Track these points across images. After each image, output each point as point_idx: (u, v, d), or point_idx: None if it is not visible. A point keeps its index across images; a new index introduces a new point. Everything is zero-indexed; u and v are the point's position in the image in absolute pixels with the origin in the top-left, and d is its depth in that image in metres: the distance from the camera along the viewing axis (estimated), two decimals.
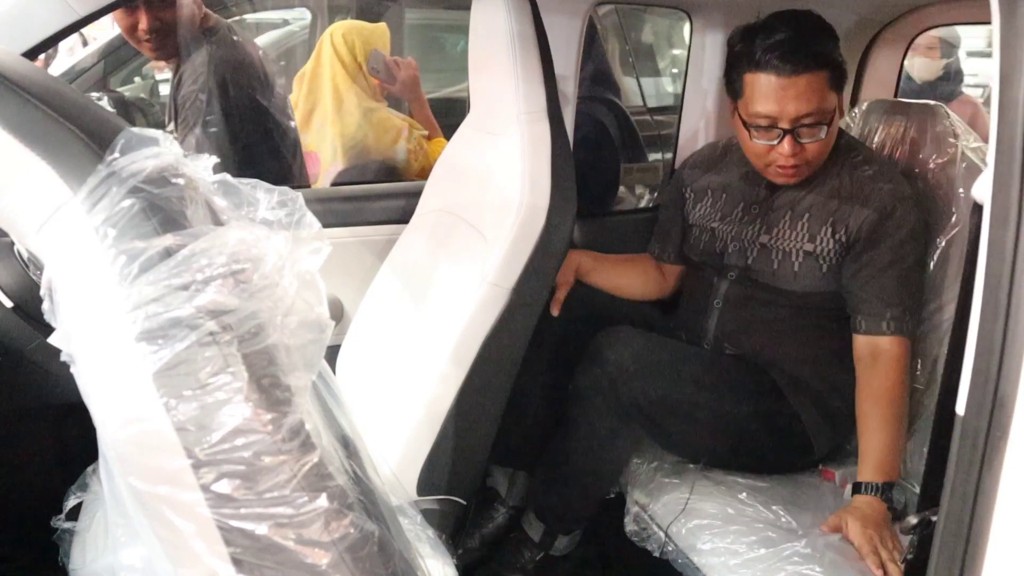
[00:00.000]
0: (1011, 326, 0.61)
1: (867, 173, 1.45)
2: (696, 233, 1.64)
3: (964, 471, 0.65)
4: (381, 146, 2.01)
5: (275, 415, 0.56)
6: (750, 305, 1.53)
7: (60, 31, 1.16)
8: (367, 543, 0.60)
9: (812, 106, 1.36)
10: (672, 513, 1.40)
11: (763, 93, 1.37)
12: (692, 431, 1.45)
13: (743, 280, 1.53)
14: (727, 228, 1.57)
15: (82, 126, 0.59)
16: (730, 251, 1.55)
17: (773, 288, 1.50)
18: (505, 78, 1.28)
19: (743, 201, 1.57)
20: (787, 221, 1.49)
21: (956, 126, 1.56)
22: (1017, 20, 0.60)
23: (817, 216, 1.46)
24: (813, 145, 1.40)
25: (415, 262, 1.51)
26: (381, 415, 1.39)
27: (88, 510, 0.96)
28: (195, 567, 0.57)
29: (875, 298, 1.40)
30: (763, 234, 1.51)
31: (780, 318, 1.50)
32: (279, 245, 0.60)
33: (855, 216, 1.42)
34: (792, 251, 1.48)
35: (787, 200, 1.51)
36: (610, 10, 3.31)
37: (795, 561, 1.24)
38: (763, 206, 1.53)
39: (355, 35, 2.04)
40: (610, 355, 1.40)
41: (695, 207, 1.66)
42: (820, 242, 1.45)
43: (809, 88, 1.35)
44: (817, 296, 1.47)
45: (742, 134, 1.45)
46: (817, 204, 1.46)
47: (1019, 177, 0.60)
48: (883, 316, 1.39)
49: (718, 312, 1.56)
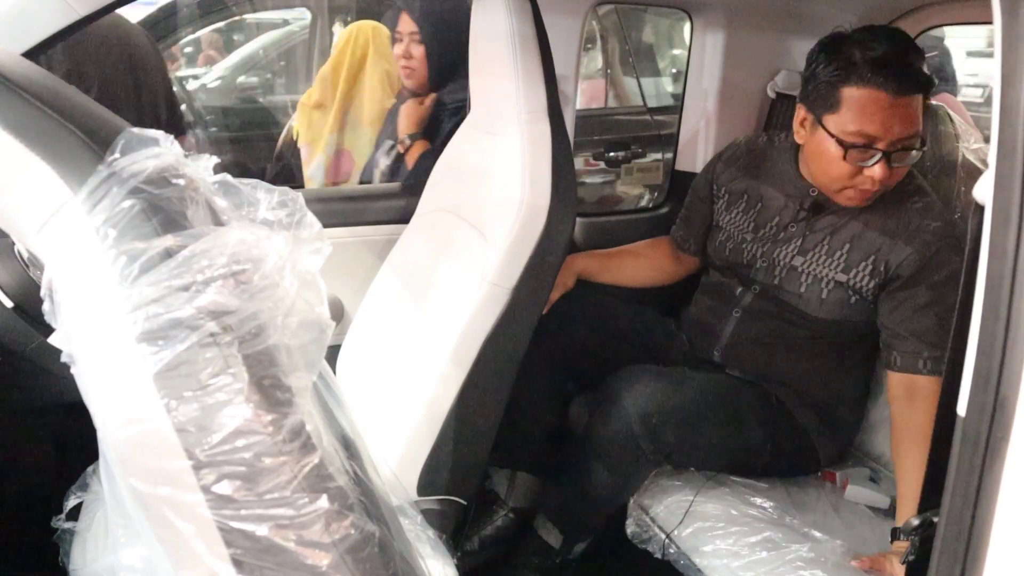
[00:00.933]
0: (1012, 327, 0.61)
1: (916, 206, 1.37)
2: (723, 238, 1.58)
3: (965, 472, 0.65)
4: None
5: (276, 416, 0.56)
6: (769, 320, 1.50)
7: (60, 31, 1.16)
8: (368, 544, 0.60)
9: (914, 128, 1.28)
10: (674, 515, 1.40)
11: (869, 111, 1.27)
12: (708, 460, 1.46)
13: (767, 296, 1.50)
14: (758, 244, 1.51)
15: (82, 126, 0.59)
16: (757, 267, 1.50)
17: (797, 310, 1.46)
18: (505, 78, 1.28)
19: (780, 218, 1.49)
20: (824, 247, 1.43)
21: (957, 127, 1.56)
22: (1018, 20, 0.60)
23: (858, 248, 1.40)
24: (900, 170, 1.33)
25: (415, 262, 1.51)
26: (381, 415, 1.39)
27: (88, 510, 0.96)
28: (195, 568, 0.57)
29: (912, 336, 1.35)
30: (796, 256, 1.45)
31: (798, 337, 1.48)
32: (280, 245, 0.60)
33: (896, 253, 1.36)
34: (823, 278, 1.42)
35: (828, 225, 1.43)
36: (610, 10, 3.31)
37: (798, 566, 1.24)
38: (801, 227, 1.46)
39: (385, 38, 2.08)
40: (630, 405, 1.36)
41: (727, 210, 1.59)
42: (855, 275, 1.40)
43: (914, 110, 1.28)
44: (840, 324, 1.44)
45: (824, 152, 1.35)
46: (859, 235, 1.40)
47: (1020, 178, 0.60)
48: (920, 355, 1.34)
49: (736, 320, 1.53)
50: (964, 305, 0.69)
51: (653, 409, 1.35)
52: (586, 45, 3.37)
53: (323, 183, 2.13)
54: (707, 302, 1.62)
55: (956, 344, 0.72)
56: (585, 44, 2.28)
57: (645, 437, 1.35)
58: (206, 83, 4.02)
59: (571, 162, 1.32)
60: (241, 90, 3.93)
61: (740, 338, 1.52)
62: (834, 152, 1.32)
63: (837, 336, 1.46)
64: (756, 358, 1.51)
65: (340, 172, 2.13)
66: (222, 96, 3.92)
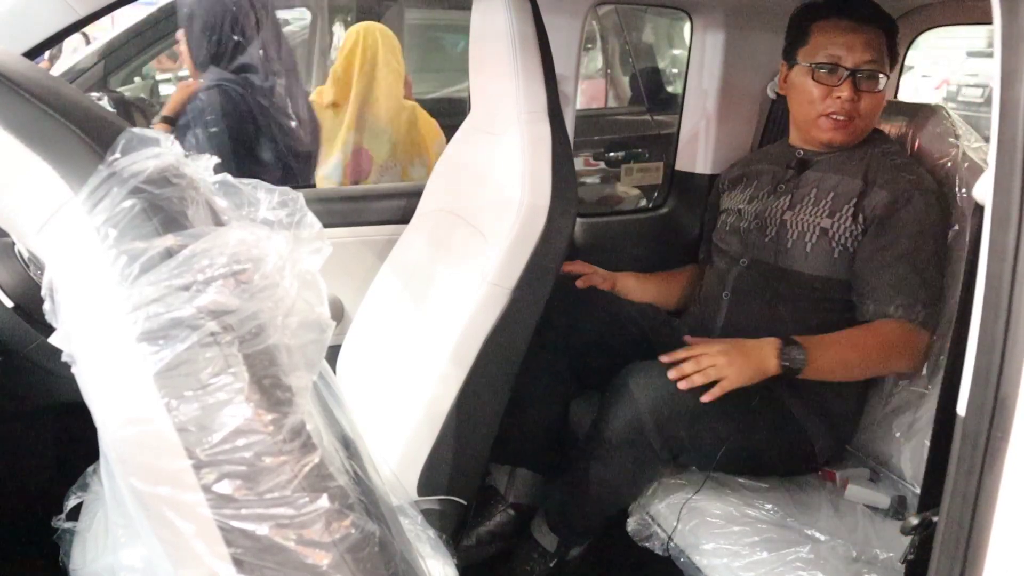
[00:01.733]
0: (1012, 327, 0.61)
1: (895, 161, 1.48)
2: (724, 216, 1.68)
3: (965, 472, 0.65)
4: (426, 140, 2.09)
5: (276, 416, 0.56)
6: (757, 297, 1.53)
7: (60, 31, 1.16)
8: (368, 544, 0.60)
9: (875, 54, 1.45)
10: (674, 512, 1.40)
11: (832, 35, 1.47)
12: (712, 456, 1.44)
13: (755, 266, 1.55)
14: (753, 207, 1.60)
15: (83, 126, 0.59)
16: (752, 228, 1.58)
17: (781, 271, 1.50)
18: (505, 78, 1.28)
19: (772, 179, 1.61)
20: (811, 198, 1.51)
21: (957, 126, 1.56)
22: (1018, 20, 0.60)
23: (841, 195, 1.48)
24: (868, 98, 1.46)
25: (415, 262, 1.51)
26: (381, 415, 1.39)
27: (88, 510, 0.96)
28: (196, 568, 0.57)
29: (886, 285, 1.40)
30: (787, 211, 1.54)
31: (786, 314, 1.49)
32: (280, 245, 0.60)
33: (872, 196, 1.44)
34: (809, 228, 1.49)
35: (815, 178, 1.53)
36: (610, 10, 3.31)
37: (798, 566, 1.24)
38: (790, 184, 1.56)
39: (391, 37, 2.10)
40: (641, 397, 1.36)
41: (728, 195, 1.71)
42: (837, 219, 1.46)
43: (874, 38, 1.46)
44: (824, 282, 1.47)
45: (798, 85, 1.52)
46: (843, 184, 1.49)
47: (1020, 178, 0.60)
48: (891, 302, 1.39)
49: (726, 305, 1.57)
50: (964, 305, 0.69)
51: (663, 402, 1.35)
52: (586, 45, 3.37)
53: (340, 182, 2.14)
54: (700, 297, 1.67)
55: (956, 344, 0.72)
56: (585, 44, 2.28)
57: (654, 431, 1.35)
58: None
59: (571, 162, 1.32)
60: None
61: (732, 326, 1.54)
62: (807, 80, 1.50)
63: (826, 305, 1.48)
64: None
65: (360, 171, 2.14)
66: None
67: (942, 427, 0.75)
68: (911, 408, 1.53)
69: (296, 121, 2.05)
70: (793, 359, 1.35)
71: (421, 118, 2.21)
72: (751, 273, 1.56)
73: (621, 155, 2.28)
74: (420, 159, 2.17)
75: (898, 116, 1.63)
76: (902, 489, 1.50)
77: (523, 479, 1.66)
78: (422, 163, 2.17)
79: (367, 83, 2.11)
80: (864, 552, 1.30)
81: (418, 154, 2.16)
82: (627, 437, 1.37)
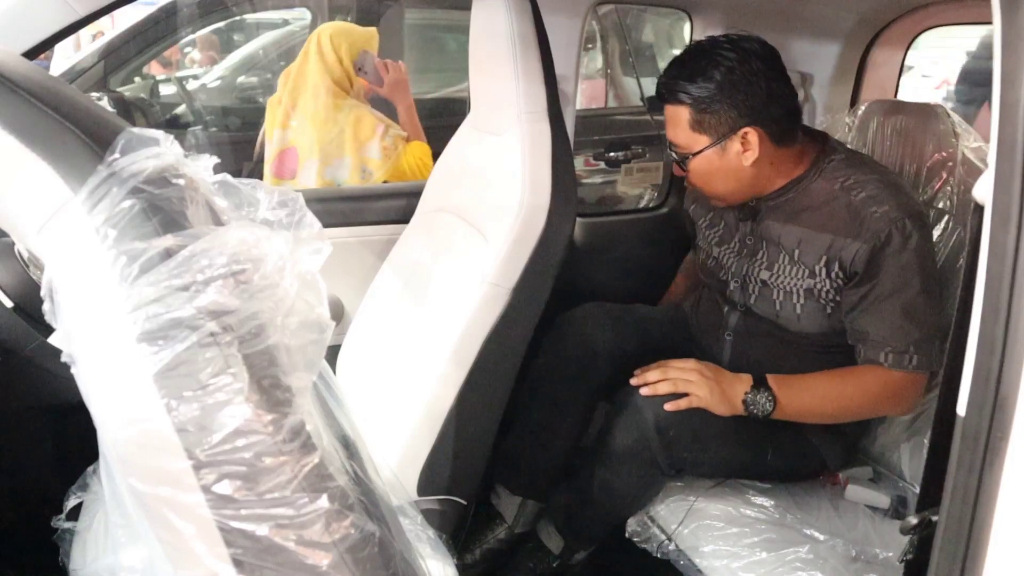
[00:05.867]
0: (1012, 327, 0.61)
1: (859, 197, 1.33)
2: (703, 257, 1.61)
3: (965, 472, 0.65)
4: (356, 142, 2.04)
5: (276, 416, 0.56)
6: (759, 340, 1.49)
7: (60, 31, 1.16)
8: (368, 544, 0.60)
9: (671, 134, 1.41)
10: (674, 514, 1.40)
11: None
12: (717, 473, 1.45)
13: (751, 315, 1.49)
14: (728, 260, 1.52)
15: (82, 126, 0.59)
16: (732, 287, 1.51)
17: (781, 328, 1.45)
18: (505, 78, 1.28)
19: (736, 229, 1.51)
20: (785, 260, 1.41)
21: (956, 126, 1.56)
22: (1018, 20, 0.60)
23: (808, 249, 1.37)
24: (698, 171, 1.40)
25: (415, 262, 1.51)
26: (381, 415, 1.38)
27: (88, 510, 0.96)
28: (196, 568, 0.57)
29: (874, 332, 1.31)
30: (764, 270, 1.44)
31: (791, 353, 1.45)
32: (280, 245, 0.60)
33: (847, 250, 1.32)
34: (793, 291, 1.40)
35: (777, 231, 1.42)
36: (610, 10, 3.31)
37: (797, 566, 1.24)
38: (755, 240, 1.47)
39: (342, 37, 2.08)
40: (648, 415, 1.35)
41: (700, 229, 1.63)
42: (819, 277, 1.37)
43: (672, 118, 1.40)
44: (825, 336, 1.42)
45: None
46: (808, 237, 1.37)
47: (1020, 177, 0.60)
48: (881, 350, 1.31)
49: (730, 344, 1.53)
50: (964, 305, 0.69)
51: (669, 422, 1.34)
52: (586, 45, 3.37)
53: (270, 180, 2.11)
54: (703, 327, 1.61)
55: (956, 344, 0.72)
56: (585, 44, 2.28)
57: (661, 450, 1.34)
58: (206, 83, 4.02)
59: (571, 162, 1.32)
60: (241, 90, 3.93)
61: (738, 363, 1.49)
62: None
63: (830, 349, 1.43)
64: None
65: (284, 169, 2.11)
66: (222, 96, 3.92)
67: (942, 427, 0.75)
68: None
69: None
70: (757, 404, 1.34)
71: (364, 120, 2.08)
72: (748, 321, 1.50)
73: (621, 155, 2.28)
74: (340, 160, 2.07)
75: (898, 116, 1.63)
76: (902, 489, 1.50)
77: (533, 510, 1.61)
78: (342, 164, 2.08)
79: (300, 83, 2.09)
80: (863, 552, 1.30)
81: (338, 155, 2.06)
82: (633, 452, 1.36)
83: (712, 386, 1.34)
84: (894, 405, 1.38)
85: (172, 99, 3.58)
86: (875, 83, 1.95)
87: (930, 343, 1.31)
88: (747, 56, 1.32)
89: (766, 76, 1.33)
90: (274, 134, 2.12)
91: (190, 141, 3.02)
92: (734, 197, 1.45)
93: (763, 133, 1.34)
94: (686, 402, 1.34)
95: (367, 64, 2.08)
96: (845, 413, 1.39)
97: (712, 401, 1.34)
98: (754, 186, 1.41)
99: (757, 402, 1.34)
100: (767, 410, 1.34)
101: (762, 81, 1.32)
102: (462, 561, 1.55)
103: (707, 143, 1.37)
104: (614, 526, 1.50)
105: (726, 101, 1.32)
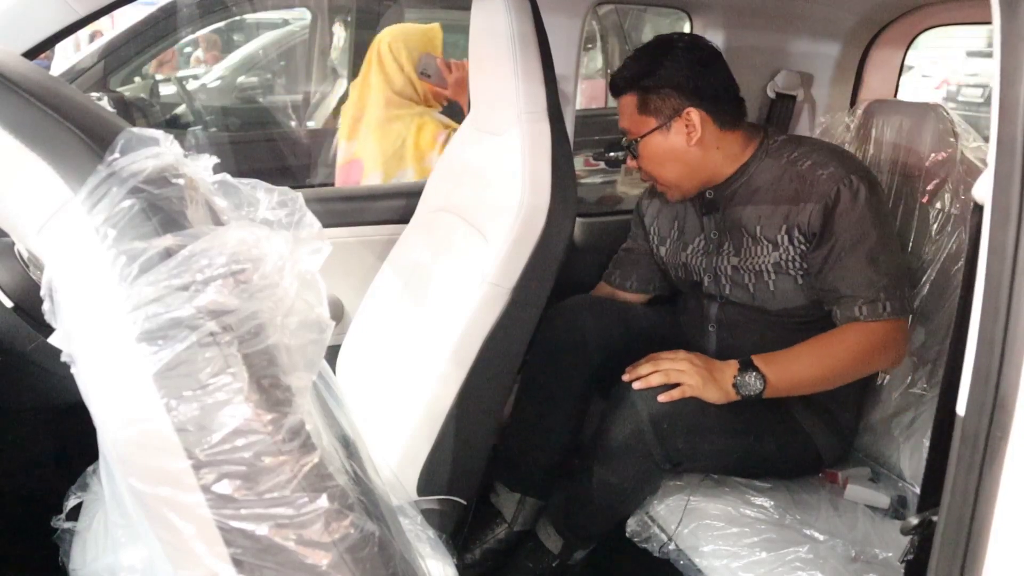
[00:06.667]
0: (1011, 326, 0.61)
1: (806, 165, 1.41)
2: (672, 270, 1.65)
3: (964, 472, 0.65)
4: (417, 151, 2.02)
5: (275, 416, 0.56)
6: (743, 328, 1.51)
7: (60, 31, 1.16)
8: (368, 543, 0.60)
9: (624, 123, 1.50)
10: (674, 514, 1.40)
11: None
12: (714, 466, 1.46)
13: (730, 304, 1.52)
14: (696, 260, 1.57)
15: (82, 126, 0.59)
16: (707, 283, 1.55)
17: (760, 310, 1.48)
18: (505, 78, 1.28)
19: (701, 228, 1.56)
20: (749, 239, 1.46)
21: (956, 126, 1.56)
22: (1018, 20, 0.60)
23: (769, 224, 1.43)
24: (649, 160, 1.49)
25: (415, 262, 1.51)
26: (381, 415, 1.39)
27: (88, 510, 0.96)
28: (196, 568, 0.57)
29: (844, 289, 1.36)
30: (732, 257, 1.49)
31: (776, 335, 1.46)
32: (279, 245, 0.60)
33: (802, 213, 1.38)
34: (763, 269, 1.45)
35: (736, 216, 1.48)
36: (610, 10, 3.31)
37: (797, 566, 1.24)
38: (719, 235, 1.52)
39: (401, 42, 2.04)
40: (642, 409, 1.36)
41: (661, 244, 1.66)
42: (783, 247, 1.42)
43: (624, 107, 1.50)
44: (804, 308, 1.45)
45: None
46: (766, 212, 1.44)
47: (1020, 177, 0.60)
48: (854, 304, 1.35)
49: (715, 335, 1.56)
50: (964, 304, 0.69)
51: (663, 415, 1.35)
52: (586, 45, 3.37)
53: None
54: (687, 323, 1.64)
55: (956, 344, 0.72)
56: (585, 44, 2.28)
57: (655, 442, 1.35)
58: (206, 83, 4.02)
59: (571, 162, 1.32)
60: (241, 90, 3.93)
61: (725, 352, 1.49)
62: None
63: (813, 324, 1.45)
64: None
65: (350, 181, 2.11)
66: (222, 96, 3.92)
67: (942, 427, 0.75)
68: (911, 408, 1.53)
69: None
70: (747, 385, 1.35)
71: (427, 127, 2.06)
72: (729, 309, 1.53)
73: (621, 155, 2.27)
74: (403, 171, 2.05)
75: (897, 116, 1.63)
76: (902, 489, 1.50)
77: (532, 507, 1.61)
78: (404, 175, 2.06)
79: (364, 93, 2.06)
80: (863, 552, 1.30)
81: (401, 167, 2.04)
82: (629, 446, 1.37)
83: (703, 374, 1.36)
84: (883, 357, 1.40)
85: (172, 99, 3.58)
86: (875, 83, 1.95)
87: (899, 287, 1.36)
88: (691, 48, 1.46)
89: (709, 65, 1.45)
90: (343, 145, 2.11)
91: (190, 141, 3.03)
92: (687, 183, 1.50)
93: (705, 115, 1.44)
94: (679, 392, 1.35)
95: (429, 67, 2.03)
96: (839, 376, 1.40)
97: (704, 389, 1.35)
98: (703, 171, 1.48)
99: (747, 383, 1.35)
100: (758, 388, 1.35)
101: (704, 68, 1.44)
102: (462, 561, 1.55)
103: (653, 125, 1.46)
104: (612, 524, 1.50)
105: (668, 85, 1.44)
